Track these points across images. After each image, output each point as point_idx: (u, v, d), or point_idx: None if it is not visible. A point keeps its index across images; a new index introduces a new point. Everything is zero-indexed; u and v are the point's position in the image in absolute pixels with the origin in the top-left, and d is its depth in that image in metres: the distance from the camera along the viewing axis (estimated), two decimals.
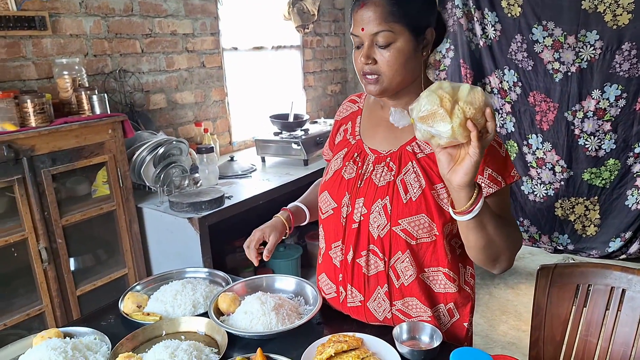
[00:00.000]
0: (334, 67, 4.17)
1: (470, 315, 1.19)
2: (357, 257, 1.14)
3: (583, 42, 3.04)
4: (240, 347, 1.12)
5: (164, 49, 2.69)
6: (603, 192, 3.28)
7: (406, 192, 1.07)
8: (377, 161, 1.13)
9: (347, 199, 1.14)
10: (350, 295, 1.18)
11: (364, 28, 1.02)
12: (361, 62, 1.05)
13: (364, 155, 1.16)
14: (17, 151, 1.72)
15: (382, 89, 1.06)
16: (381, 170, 1.11)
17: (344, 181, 1.16)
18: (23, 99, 1.75)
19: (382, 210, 1.08)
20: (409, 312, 1.15)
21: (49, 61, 2.17)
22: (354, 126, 1.23)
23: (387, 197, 1.08)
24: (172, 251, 2.18)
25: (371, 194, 1.11)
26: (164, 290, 1.33)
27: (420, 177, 1.07)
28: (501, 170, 1.03)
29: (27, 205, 1.79)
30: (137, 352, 1.10)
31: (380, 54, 1.03)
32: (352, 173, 1.15)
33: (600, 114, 3.13)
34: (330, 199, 1.18)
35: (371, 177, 1.12)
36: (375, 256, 1.12)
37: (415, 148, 1.10)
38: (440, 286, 1.14)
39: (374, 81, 1.05)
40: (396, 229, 1.07)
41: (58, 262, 1.91)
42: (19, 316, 1.82)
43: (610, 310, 1.24)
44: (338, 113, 1.31)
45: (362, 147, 1.17)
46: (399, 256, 1.10)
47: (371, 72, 1.05)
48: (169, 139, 2.31)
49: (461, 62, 3.47)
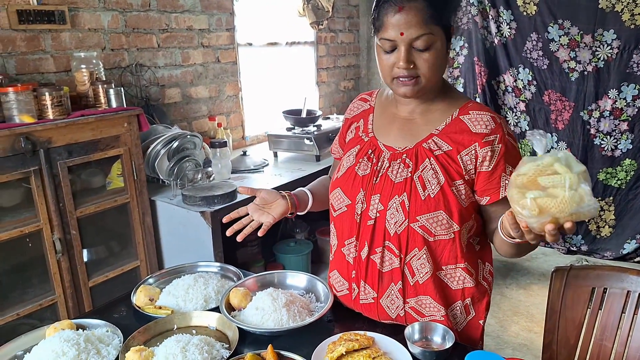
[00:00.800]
0: (347, 63, 4.15)
1: (486, 313, 1.19)
2: (371, 254, 1.14)
3: (600, 41, 2.99)
4: (251, 343, 1.12)
5: (180, 43, 2.70)
6: (618, 193, 3.23)
7: (424, 188, 1.07)
8: (393, 158, 1.13)
9: (361, 196, 1.14)
10: (363, 292, 1.18)
11: (404, 32, 1.00)
12: (400, 67, 1.03)
13: (378, 152, 1.15)
14: (35, 143, 1.75)
15: (419, 89, 1.06)
16: (397, 167, 1.11)
17: (358, 178, 1.15)
18: (41, 92, 1.77)
19: (400, 206, 1.08)
20: (422, 311, 1.14)
21: (67, 55, 2.19)
22: (367, 123, 1.23)
23: (404, 193, 1.08)
24: (184, 244, 2.19)
25: (388, 190, 1.10)
26: (176, 284, 1.34)
27: (439, 174, 1.07)
28: None
29: (43, 196, 1.81)
30: (148, 345, 1.11)
31: (419, 57, 1.02)
32: (366, 170, 1.15)
33: (617, 113, 3.08)
34: (344, 195, 1.17)
35: (387, 174, 1.12)
36: (390, 252, 1.12)
37: (432, 145, 1.10)
38: (459, 282, 1.13)
39: (412, 83, 1.05)
40: (414, 225, 1.07)
41: (72, 253, 1.94)
42: (31, 306, 1.85)
43: (626, 314, 1.22)
44: (348, 111, 1.31)
45: (376, 144, 1.17)
46: (415, 253, 1.10)
47: (410, 75, 1.04)
48: (183, 133, 2.32)
49: (475, 60, 3.43)
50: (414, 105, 1.14)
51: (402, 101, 1.15)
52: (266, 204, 1.24)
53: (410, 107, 1.15)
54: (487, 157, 1.05)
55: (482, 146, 1.05)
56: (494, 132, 1.06)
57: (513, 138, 1.09)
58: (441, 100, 1.13)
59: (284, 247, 2.84)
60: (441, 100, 1.13)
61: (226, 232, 1.27)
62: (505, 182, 1.05)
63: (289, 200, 1.25)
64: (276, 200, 1.24)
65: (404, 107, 1.16)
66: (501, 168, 1.06)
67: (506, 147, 1.06)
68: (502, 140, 1.06)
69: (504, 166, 1.06)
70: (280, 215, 1.23)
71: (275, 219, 1.23)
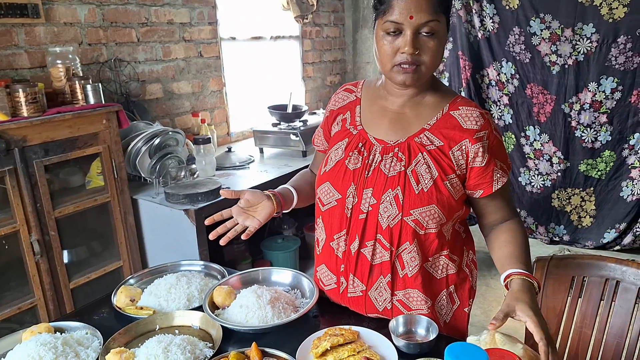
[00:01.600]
0: (333, 58, 4.13)
1: (470, 301, 1.20)
2: (362, 247, 1.13)
3: (580, 35, 3.03)
4: (235, 342, 1.10)
5: (161, 38, 2.65)
6: (599, 184, 3.30)
7: (418, 182, 1.07)
8: (385, 151, 1.12)
9: (352, 190, 1.12)
10: (351, 285, 1.17)
11: (414, 16, 0.98)
12: (406, 52, 1.01)
13: (369, 145, 1.14)
14: (9, 142, 1.70)
15: (419, 77, 1.05)
16: (390, 161, 1.10)
17: (349, 171, 1.14)
18: (15, 88, 1.72)
19: (394, 200, 1.07)
20: (409, 304, 1.14)
21: (42, 50, 2.13)
22: (354, 116, 1.20)
23: (398, 187, 1.07)
24: (168, 243, 2.16)
25: (381, 184, 1.09)
26: (158, 284, 1.31)
27: (432, 169, 1.07)
28: (505, 161, 1.12)
29: (19, 196, 1.77)
30: (129, 346, 1.08)
31: (424, 44, 1.01)
32: (357, 163, 1.13)
33: (597, 106, 3.13)
34: (334, 189, 1.16)
35: (379, 167, 1.11)
36: (381, 246, 1.11)
37: (424, 140, 1.10)
38: (443, 271, 1.15)
39: (413, 71, 1.03)
40: (407, 219, 1.07)
41: (51, 255, 1.89)
42: (10, 310, 1.81)
43: (604, 301, 1.23)
44: (333, 102, 1.28)
45: (366, 137, 1.15)
46: (406, 246, 1.10)
47: (412, 62, 1.02)
48: (165, 130, 2.28)
49: (460, 54, 3.44)
50: (405, 98, 1.13)
51: (394, 93, 1.14)
52: (251, 206, 1.19)
53: (401, 100, 1.14)
54: (479, 153, 1.07)
55: (473, 142, 1.06)
56: (484, 128, 1.08)
57: (499, 133, 1.12)
58: (431, 94, 1.13)
59: (272, 244, 2.82)
60: (431, 94, 1.13)
61: (209, 235, 1.22)
62: (497, 175, 1.09)
63: (274, 200, 1.19)
64: (261, 202, 1.18)
65: (395, 99, 1.14)
66: (493, 162, 1.08)
67: (495, 143, 1.09)
68: (490, 136, 1.08)
69: (495, 160, 1.09)
70: (266, 218, 1.18)
71: (260, 223, 1.17)
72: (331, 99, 1.29)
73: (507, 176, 1.11)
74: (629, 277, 1.20)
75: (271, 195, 1.20)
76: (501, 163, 1.10)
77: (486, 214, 1.17)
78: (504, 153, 1.12)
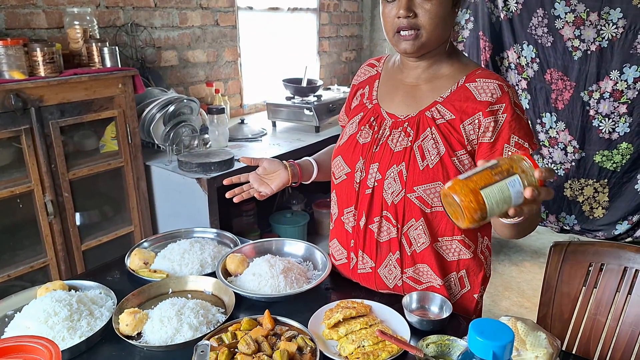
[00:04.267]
0: (350, 33, 4.06)
1: (482, 288, 1.17)
2: (369, 223, 1.12)
3: (606, 19, 2.92)
4: (247, 308, 1.11)
5: (178, 4, 2.61)
6: (613, 176, 3.24)
7: (423, 158, 1.04)
8: (395, 126, 1.10)
9: (361, 164, 1.12)
10: (361, 261, 1.16)
11: None
12: (400, 15, 0.99)
13: (380, 120, 1.12)
14: (25, 101, 1.69)
15: (420, 44, 1.01)
16: (398, 135, 1.08)
17: (359, 146, 1.13)
18: (32, 47, 1.71)
19: (397, 176, 1.06)
20: (420, 279, 1.13)
21: (59, 10, 2.10)
22: (372, 90, 1.19)
23: (402, 163, 1.05)
24: (179, 211, 2.17)
25: (386, 159, 1.08)
26: (171, 249, 1.32)
27: (439, 144, 1.04)
28: (527, 137, 1.02)
29: (34, 156, 1.77)
30: (142, 308, 1.09)
31: (421, 7, 0.98)
32: (367, 137, 1.12)
33: (617, 95, 3.05)
34: (344, 163, 1.15)
35: (387, 142, 1.09)
36: (388, 222, 1.10)
37: (435, 114, 1.06)
38: (454, 254, 1.12)
39: (413, 37, 1.00)
40: (411, 196, 1.05)
41: (64, 216, 1.90)
42: (22, 268, 1.83)
43: (621, 290, 1.22)
44: (356, 77, 1.27)
45: (379, 111, 1.14)
46: (412, 223, 1.08)
47: (409, 27, 0.99)
48: (180, 97, 2.26)
49: (480, 35, 3.36)
50: (420, 70, 1.10)
51: (408, 65, 1.11)
52: (267, 174, 1.23)
53: (416, 73, 1.11)
54: (489, 128, 1.01)
55: (485, 115, 1.01)
56: (500, 101, 1.01)
57: (520, 108, 1.03)
58: (449, 66, 1.09)
59: (281, 218, 2.83)
60: (449, 66, 1.09)
61: (226, 193, 1.25)
62: (509, 152, 1.00)
63: (290, 170, 1.22)
64: (277, 170, 1.22)
65: (410, 72, 1.12)
66: (504, 138, 1.01)
67: (511, 117, 1.00)
68: (507, 110, 1.01)
69: (508, 136, 1.01)
70: (279, 187, 1.22)
71: (273, 191, 1.22)
72: (356, 73, 1.28)
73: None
74: None
75: (287, 165, 1.23)
76: (517, 139, 1.00)
77: None
78: (524, 130, 1.02)
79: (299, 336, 0.96)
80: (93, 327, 1.02)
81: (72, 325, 1.00)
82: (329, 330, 1.00)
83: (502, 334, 0.59)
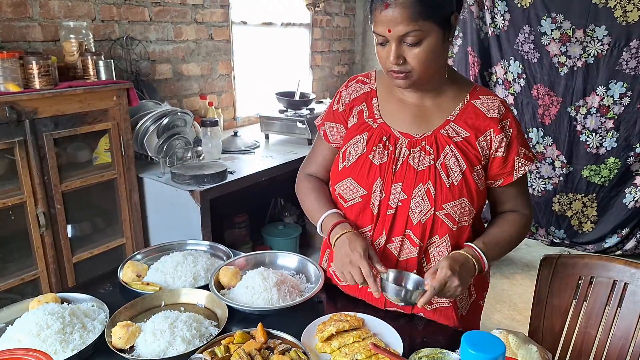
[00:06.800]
0: (342, 47, 4.11)
1: (484, 293, 1.22)
2: (388, 243, 1.11)
3: (591, 36, 2.99)
4: (240, 321, 1.11)
5: (173, 18, 2.64)
6: (601, 190, 3.27)
7: (448, 176, 1.06)
8: (412, 145, 1.10)
9: (379, 184, 1.09)
10: None
11: (391, 29, 0.98)
12: (390, 62, 1.02)
13: (394, 139, 1.12)
14: (20, 113, 1.69)
15: (412, 82, 1.05)
16: (418, 154, 1.09)
17: (375, 166, 1.11)
18: (28, 60, 1.72)
19: (426, 194, 1.06)
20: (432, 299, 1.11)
21: (55, 23, 2.12)
22: (371, 108, 1.17)
23: (429, 181, 1.06)
24: (171, 223, 2.17)
25: (411, 178, 1.08)
26: (164, 261, 1.31)
27: (460, 161, 1.07)
28: (528, 147, 1.12)
29: (27, 168, 1.76)
30: (135, 321, 1.09)
31: (410, 52, 1.00)
32: (383, 157, 1.11)
33: (604, 111, 3.10)
34: (357, 185, 1.12)
35: (408, 162, 1.09)
36: (409, 241, 1.10)
37: (450, 132, 1.09)
38: None
39: (403, 77, 1.03)
40: (440, 213, 1.06)
41: (55, 228, 1.89)
42: (13, 280, 1.81)
43: (611, 303, 1.24)
44: (347, 93, 1.21)
45: (389, 131, 1.13)
46: (434, 240, 1.09)
47: (399, 71, 1.03)
48: (173, 110, 2.28)
49: (469, 50, 3.43)
50: (423, 92, 1.12)
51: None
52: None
53: (418, 94, 1.13)
54: (502, 143, 1.08)
55: (497, 132, 1.07)
56: (506, 116, 1.09)
57: (517, 121, 1.13)
58: (449, 85, 1.12)
59: (273, 230, 2.83)
60: (449, 85, 1.12)
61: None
62: (519, 164, 1.10)
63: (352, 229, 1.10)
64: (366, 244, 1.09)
65: (413, 93, 1.13)
66: (514, 151, 1.09)
67: (517, 131, 1.10)
68: (512, 124, 1.09)
69: (517, 148, 1.09)
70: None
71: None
72: (340, 93, 1.23)
73: (530, 164, 1.11)
74: (638, 280, 1.20)
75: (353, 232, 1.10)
76: (524, 150, 1.10)
77: (499, 202, 1.17)
78: (526, 141, 1.13)
79: (292, 349, 0.96)
80: (85, 340, 1.01)
81: (64, 338, 1.00)
82: (322, 343, 1.01)
83: (494, 346, 0.60)
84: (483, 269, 1.06)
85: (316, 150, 1.30)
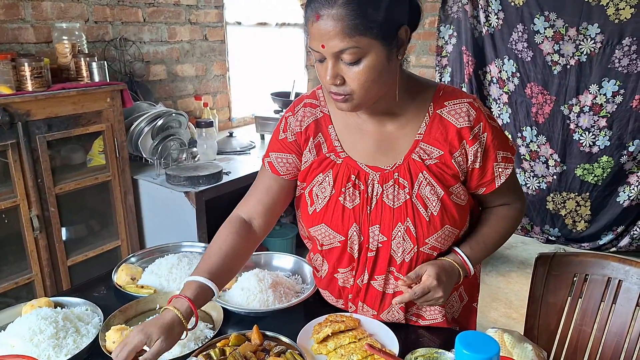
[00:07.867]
0: None
1: (476, 294, 1.21)
2: (372, 280, 1.06)
3: (584, 34, 3.00)
4: (236, 323, 1.11)
5: (167, 19, 2.63)
6: (595, 189, 3.27)
7: (426, 207, 0.98)
8: (384, 180, 1.00)
9: (356, 229, 1.02)
10: (360, 309, 1.12)
11: (325, 45, 0.85)
12: (327, 83, 0.90)
13: (364, 176, 1.01)
14: (12, 115, 1.68)
15: (354, 106, 0.93)
16: (392, 190, 0.99)
17: (348, 211, 1.01)
18: (20, 62, 1.71)
19: (406, 234, 0.99)
20: (424, 315, 1.11)
21: (48, 25, 2.10)
22: (329, 140, 1.05)
23: (407, 218, 0.98)
24: (166, 225, 2.16)
25: (388, 218, 1.00)
26: (159, 264, 1.31)
27: (436, 187, 0.98)
28: (507, 147, 1.03)
29: (21, 171, 1.75)
30: (129, 324, 1.08)
31: (349, 72, 0.87)
32: (355, 199, 1.01)
33: (597, 109, 3.10)
34: (333, 232, 1.04)
35: (382, 200, 1.00)
36: (394, 278, 1.05)
37: (422, 154, 0.99)
38: None
39: (343, 100, 0.91)
40: (424, 248, 1.00)
41: (50, 231, 1.88)
42: (7, 284, 1.80)
43: (605, 300, 1.24)
44: (295, 121, 1.07)
45: (356, 167, 1.02)
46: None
47: (338, 93, 0.90)
48: (168, 111, 2.27)
49: (463, 49, 3.43)
50: (378, 115, 1.00)
51: (364, 111, 1.01)
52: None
53: (376, 119, 1.01)
54: (477, 154, 0.98)
55: (470, 144, 0.97)
56: (477, 120, 0.98)
57: (492, 117, 1.02)
58: (407, 99, 0.99)
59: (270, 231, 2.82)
60: (407, 99, 0.99)
61: None
62: (499, 169, 1.00)
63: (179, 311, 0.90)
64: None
65: (368, 117, 1.01)
66: (492, 158, 1.00)
67: (492, 134, 0.99)
68: (486, 128, 0.98)
69: (495, 154, 1.00)
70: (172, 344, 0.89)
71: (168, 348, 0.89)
72: (287, 120, 1.08)
73: (511, 166, 1.02)
74: (632, 277, 1.20)
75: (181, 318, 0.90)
76: (502, 153, 1.00)
77: (489, 202, 1.10)
78: (503, 140, 1.01)
79: (288, 351, 0.96)
80: (79, 344, 1.01)
81: (57, 343, 0.99)
82: (317, 344, 1.01)
83: (488, 347, 0.60)
84: (468, 274, 1.04)
85: (257, 186, 1.13)
